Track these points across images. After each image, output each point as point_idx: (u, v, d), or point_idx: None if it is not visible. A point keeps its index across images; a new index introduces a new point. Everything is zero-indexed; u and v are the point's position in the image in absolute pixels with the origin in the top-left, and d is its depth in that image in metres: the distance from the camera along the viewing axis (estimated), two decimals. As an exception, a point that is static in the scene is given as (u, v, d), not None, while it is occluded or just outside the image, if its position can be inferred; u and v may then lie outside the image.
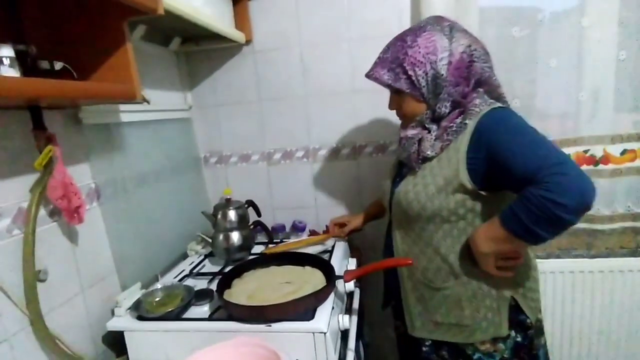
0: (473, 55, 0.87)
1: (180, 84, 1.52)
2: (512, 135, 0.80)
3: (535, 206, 0.72)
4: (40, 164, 0.78)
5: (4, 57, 0.66)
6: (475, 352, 0.93)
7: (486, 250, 0.84)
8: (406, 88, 0.91)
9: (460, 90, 0.88)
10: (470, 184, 0.85)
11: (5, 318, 0.77)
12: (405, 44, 0.90)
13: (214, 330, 0.92)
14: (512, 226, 0.77)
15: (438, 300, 0.95)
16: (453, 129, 0.88)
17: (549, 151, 0.76)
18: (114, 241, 1.08)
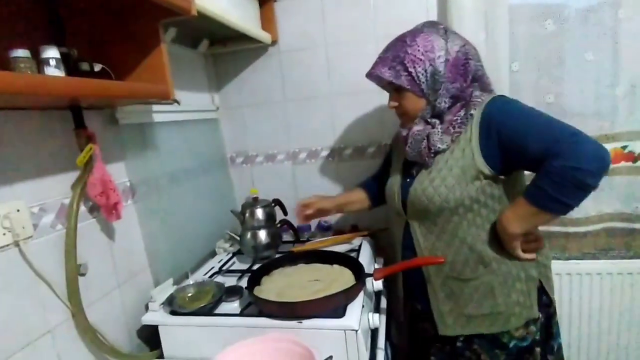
0: (468, 54, 0.93)
1: (208, 86, 1.55)
2: (521, 117, 0.87)
3: (559, 176, 0.78)
4: (81, 161, 0.81)
5: (50, 58, 0.69)
6: (511, 340, 0.94)
7: (517, 230, 0.88)
8: (407, 84, 0.94)
9: (457, 86, 0.93)
10: (487, 169, 0.89)
11: (49, 310, 0.80)
12: (405, 44, 0.94)
13: (245, 325, 0.93)
14: (540, 201, 0.83)
15: (469, 293, 0.95)
16: (459, 122, 0.93)
17: (560, 126, 0.83)
18: (147, 238, 1.11)
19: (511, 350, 0.94)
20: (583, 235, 1.34)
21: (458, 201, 0.91)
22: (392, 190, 1.08)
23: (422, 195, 0.96)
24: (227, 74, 1.59)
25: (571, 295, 1.37)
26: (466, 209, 0.92)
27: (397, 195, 1.05)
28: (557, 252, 1.38)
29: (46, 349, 0.79)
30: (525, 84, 1.32)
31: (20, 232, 0.73)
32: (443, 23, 0.97)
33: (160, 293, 1.05)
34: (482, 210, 0.92)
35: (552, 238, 1.37)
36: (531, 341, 0.94)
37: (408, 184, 1.02)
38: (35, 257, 0.77)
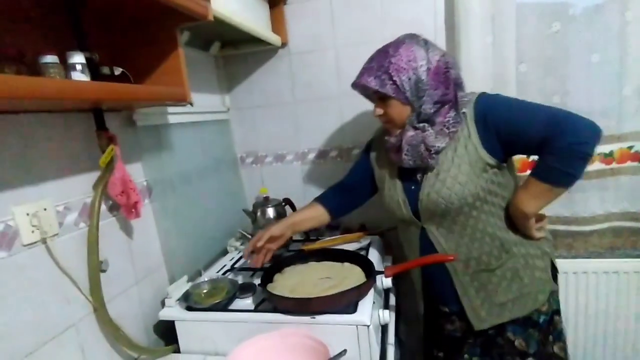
0: (448, 63, 0.98)
1: (219, 87, 1.58)
2: (513, 108, 0.95)
3: (567, 152, 0.87)
4: (104, 162, 0.85)
5: (77, 63, 0.72)
6: (540, 316, 1.01)
7: (532, 209, 0.95)
8: (392, 92, 0.97)
9: (439, 93, 0.97)
10: (491, 159, 0.96)
11: (73, 305, 0.84)
12: (388, 54, 0.98)
13: (260, 321, 0.96)
14: (551, 177, 0.91)
15: (497, 281, 1.00)
16: (451, 122, 0.98)
17: (550, 110, 0.91)
18: (163, 236, 1.15)
19: (542, 326, 1.01)
20: (589, 234, 1.36)
21: (474, 195, 0.96)
22: (394, 200, 1.08)
23: (438, 198, 0.98)
24: (237, 75, 1.62)
25: (577, 293, 1.39)
26: (482, 201, 0.97)
27: (405, 205, 1.06)
28: (563, 251, 1.40)
29: (71, 342, 0.83)
30: (532, 84, 1.34)
31: (47, 229, 0.77)
32: (422, 35, 1.02)
33: (175, 290, 1.08)
34: (494, 199, 0.98)
35: (558, 237, 1.39)
36: (552, 312, 1.03)
37: (414, 191, 1.04)
38: (60, 254, 0.80)
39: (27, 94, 0.55)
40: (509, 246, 0.99)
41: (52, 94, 0.60)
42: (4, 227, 0.70)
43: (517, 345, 1.01)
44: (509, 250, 0.99)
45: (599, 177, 1.32)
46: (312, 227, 1.26)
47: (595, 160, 1.32)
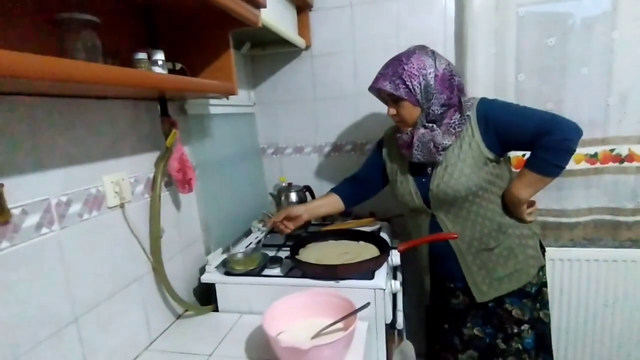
0: (452, 72, 1.14)
1: (246, 83, 1.74)
2: (510, 111, 1.13)
3: (557, 148, 1.05)
4: (170, 143, 1.00)
5: (159, 59, 0.88)
6: (532, 287, 1.19)
7: (526, 196, 1.12)
8: (405, 95, 1.12)
9: (445, 97, 1.12)
10: (491, 154, 1.12)
11: (138, 262, 1.00)
12: (402, 62, 1.14)
13: (290, 284, 1.12)
14: (543, 168, 1.08)
15: (495, 259, 1.16)
16: (457, 123, 1.14)
17: (539, 112, 1.10)
18: (202, 213, 1.30)
19: (533, 295, 1.19)
20: (575, 225, 1.53)
21: (477, 185, 1.13)
22: (406, 191, 1.24)
23: (448, 188, 1.14)
24: (263, 73, 1.78)
25: (562, 278, 1.57)
26: (483, 190, 1.14)
27: (417, 195, 1.22)
28: (552, 240, 1.58)
29: (135, 293, 0.99)
30: (529, 92, 1.51)
31: (125, 196, 0.92)
32: (429, 47, 1.19)
33: (214, 258, 1.24)
34: (493, 188, 1.15)
35: (547, 228, 1.56)
36: (540, 284, 1.21)
37: (425, 183, 1.20)
38: (131, 218, 0.96)
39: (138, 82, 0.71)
40: (505, 228, 1.16)
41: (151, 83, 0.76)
42: (95, 191, 0.86)
43: (515, 314, 1.18)
44: (505, 231, 1.16)
45: (585, 176, 1.50)
46: (327, 213, 1.42)
47: (582, 160, 1.49)
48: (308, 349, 0.81)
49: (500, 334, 1.20)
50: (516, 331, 1.18)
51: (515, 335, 1.18)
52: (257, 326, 1.06)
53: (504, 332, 1.19)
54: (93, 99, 0.86)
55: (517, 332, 1.18)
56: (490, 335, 1.21)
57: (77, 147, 0.81)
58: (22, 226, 0.69)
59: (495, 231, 1.16)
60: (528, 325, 1.18)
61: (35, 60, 0.51)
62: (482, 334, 1.22)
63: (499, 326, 1.20)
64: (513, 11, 1.46)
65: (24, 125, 0.70)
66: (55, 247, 0.76)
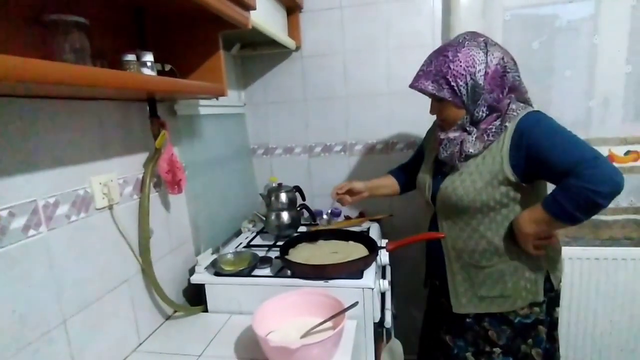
0: (506, 67, 1.02)
1: (237, 84, 1.74)
2: (551, 135, 0.96)
3: (577, 195, 0.89)
4: (159, 144, 1.00)
5: (147, 61, 0.88)
6: (516, 317, 1.09)
7: (530, 231, 0.99)
8: (449, 97, 1.03)
9: (494, 96, 1.02)
10: (513, 177, 1.00)
11: (127, 263, 0.99)
12: (447, 59, 1.02)
13: (280, 284, 1.13)
14: (555, 211, 0.94)
15: (483, 278, 1.09)
16: (492, 131, 1.02)
17: (584, 148, 0.92)
18: (192, 214, 1.30)
19: (516, 326, 1.09)
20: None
21: (484, 202, 1.03)
22: (423, 182, 1.21)
23: (452, 194, 1.07)
24: (253, 74, 1.78)
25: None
26: (489, 209, 1.04)
27: (429, 188, 1.18)
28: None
29: (124, 294, 0.98)
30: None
31: (113, 197, 0.92)
32: (484, 35, 1.05)
33: (203, 259, 1.24)
34: (503, 210, 1.05)
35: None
36: (534, 319, 1.09)
37: (439, 180, 1.14)
38: (119, 220, 0.95)
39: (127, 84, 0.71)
40: (502, 252, 1.06)
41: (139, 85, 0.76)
42: (83, 192, 0.86)
43: (490, 335, 1.12)
44: (501, 255, 1.07)
45: (568, 176, 1.53)
46: (385, 195, 1.43)
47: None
48: (297, 348, 0.82)
49: (472, 348, 1.15)
50: (487, 350, 1.12)
51: (485, 354, 1.13)
52: (246, 326, 1.06)
53: (475, 347, 1.15)
54: (81, 100, 0.86)
55: (488, 351, 1.12)
56: (459, 348, 1.17)
57: (65, 149, 0.81)
58: (9, 228, 0.68)
59: (490, 252, 1.08)
60: (500, 350, 1.11)
61: (24, 63, 0.51)
62: (452, 344, 1.19)
63: (472, 341, 1.15)
64: (499, 15, 1.49)
65: (11, 126, 0.70)
66: (43, 249, 0.75)
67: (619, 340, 1.61)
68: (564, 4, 1.46)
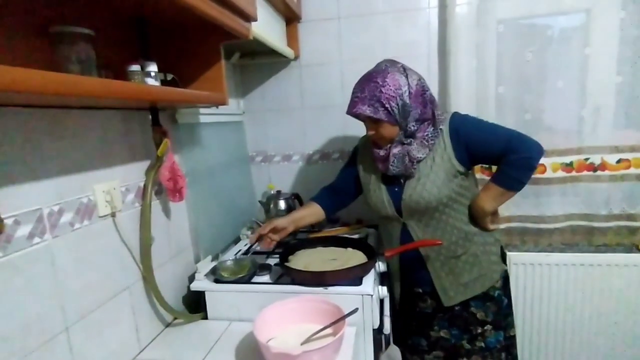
0: (424, 86, 1.18)
1: (236, 92, 1.76)
2: (478, 128, 1.19)
3: (519, 164, 1.12)
4: (161, 152, 1.02)
5: (151, 71, 0.90)
6: (495, 291, 1.24)
7: (490, 208, 1.19)
8: (385, 117, 1.14)
9: (419, 112, 1.16)
10: (461, 167, 1.17)
11: (128, 271, 1.00)
12: (378, 84, 1.14)
13: (279, 291, 1.14)
14: (507, 183, 1.15)
15: (462, 265, 1.22)
16: (430, 136, 1.18)
17: (506, 131, 1.16)
18: (192, 221, 1.31)
19: (497, 299, 1.24)
20: (553, 231, 1.60)
21: (447, 196, 1.17)
22: (379, 200, 1.26)
23: (419, 198, 1.18)
24: (252, 82, 1.81)
25: (542, 281, 1.63)
26: (452, 201, 1.19)
27: (390, 204, 1.24)
28: (530, 245, 1.64)
29: (125, 302, 0.99)
30: (508, 103, 1.57)
31: (115, 205, 0.93)
32: (399, 62, 1.19)
33: (203, 266, 1.25)
34: (461, 199, 1.21)
35: (526, 234, 1.63)
36: (507, 288, 1.29)
37: (398, 192, 1.23)
38: (121, 227, 0.96)
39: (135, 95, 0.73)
40: (471, 236, 1.22)
41: (147, 96, 0.78)
42: (87, 200, 0.87)
43: (479, 317, 1.23)
44: (471, 239, 1.22)
45: (561, 183, 1.56)
46: (311, 223, 1.43)
47: (559, 169, 1.56)
48: (298, 355, 0.83)
49: (466, 334, 1.24)
50: (480, 331, 1.23)
51: (479, 335, 1.23)
52: (246, 333, 1.07)
53: (469, 333, 1.24)
54: (85, 109, 0.87)
55: (480, 332, 1.23)
56: (455, 337, 1.26)
57: (69, 157, 0.82)
58: (14, 236, 0.69)
59: (462, 239, 1.21)
60: (491, 326, 1.23)
61: (34, 75, 0.52)
62: (448, 336, 1.26)
63: (465, 327, 1.25)
64: (493, 26, 1.53)
65: (16, 135, 0.71)
66: (47, 257, 0.76)
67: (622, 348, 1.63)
68: (556, 16, 1.50)
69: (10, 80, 0.48)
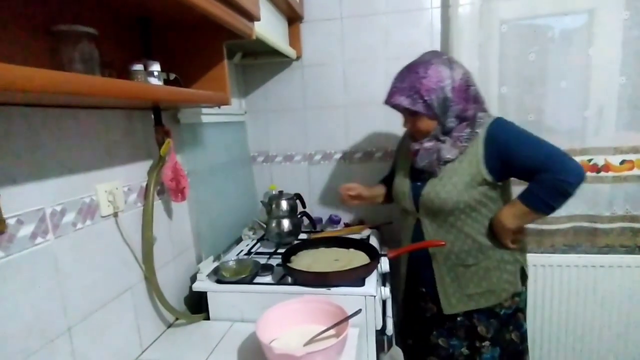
0: (468, 81, 1.13)
1: (238, 92, 1.76)
2: (520, 137, 1.11)
3: (551, 186, 1.04)
4: (164, 152, 1.01)
5: (154, 71, 0.89)
6: (502, 309, 1.19)
7: (511, 226, 1.11)
8: (423, 110, 1.12)
9: (461, 107, 1.12)
10: (489, 177, 1.11)
11: (130, 271, 1.00)
12: (419, 75, 1.11)
13: (282, 292, 1.13)
14: (534, 203, 1.08)
15: (470, 276, 1.18)
16: (464, 137, 1.13)
17: (549, 146, 1.07)
18: (194, 221, 1.31)
19: (502, 318, 1.19)
20: (555, 232, 1.59)
21: (466, 203, 1.12)
22: (401, 191, 1.26)
23: (436, 198, 1.15)
24: (254, 82, 1.80)
25: (544, 282, 1.62)
26: (471, 209, 1.14)
27: (408, 196, 1.24)
28: (534, 246, 1.64)
29: (128, 302, 0.98)
30: (511, 103, 1.57)
31: (118, 205, 0.93)
32: (445, 53, 1.15)
33: (205, 267, 1.25)
34: (483, 209, 1.15)
35: (529, 234, 1.62)
36: (515, 309, 1.20)
37: (419, 187, 1.20)
38: (123, 227, 0.96)
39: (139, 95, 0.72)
40: (486, 249, 1.16)
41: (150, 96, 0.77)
42: (89, 200, 0.86)
43: (479, 331, 1.20)
44: (485, 252, 1.16)
45: (564, 184, 1.56)
46: (380, 203, 1.49)
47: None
48: (301, 356, 0.82)
49: (465, 343, 1.23)
50: (477, 345, 1.21)
51: (477, 349, 1.21)
52: (249, 334, 1.06)
53: (469, 341, 1.22)
54: (88, 108, 0.87)
55: (478, 347, 1.21)
56: (453, 347, 1.24)
57: (71, 157, 0.82)
58: (17, 236, 0.69)
59: (475, 250, 1.16)
60: (489, 343, 1.20)
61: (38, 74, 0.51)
62: (446, 345, 1.25)
63: (465, 337, 1.23)
64: (496, 27, 1.52)
65: (19, 135, 0.70)
66: (50, 257, 0.75)
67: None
68: (559, 16, 1.50)
69: (15, 79, 0.48)
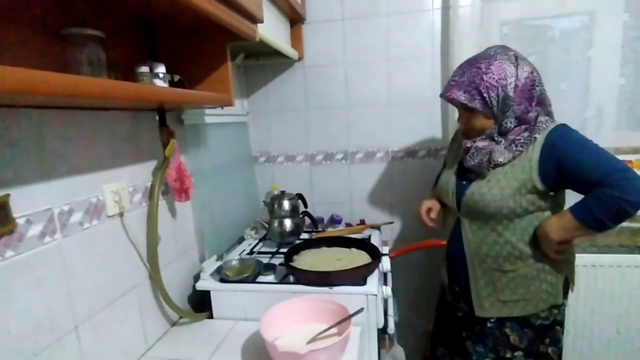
0: (535, 81, 1.06)
1: (240, 93, 1.77)
2: (581, 147, 1.01)
3: (608, 203, 0.94)
4: (169, 152, 1.02)
5: (160, 72, 0.90)
6: (537, 320, 1.13)
7: (557, 238, 1.03)
8: (480, 107, 1.06)
9: (522, 108, 1.05)
10: (541, 186, 1.04)
11: (136, 270, 1.01)
12: (480, 70, 1.05)
13: (284, 291, 1.15)
14: (585, 218, 0.98)
15: (506, 282, 1.12)
16: (521, 141, 1.06)
17: (613, 160, 0.98)
18: (197, 221, 1.32)
19: (537, 329, 1.14)
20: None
21: (511, 209, 1.07)
22: (446, 187, 1.23)
23: (480, 200, 1.10)
24: (256, 83, 1.81)
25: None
26: (515, 215, 1.08)
27: (452, 193, 1.20)
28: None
29: (133, 301, 1.00)
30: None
31: (123, 205, 0.94)
32: (513, 49, 1.09)
33: (208, 266, 1.26)
34: (529, 217, 1.09)
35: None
36: (552, 321, 1.14)
37: (464, 186, 1.16)
38: (129, 227, 0.97)
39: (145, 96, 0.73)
40: (525, 257, 1.10)
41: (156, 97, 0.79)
42: (96, 200, 0.87)
43: (512, 340, 1.14)
44: (524, 260, 1.10)
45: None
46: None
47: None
48: (305, 354, 0.84)
49: (491, 354, 1.17)
50: (509, 356, 1.15)
51: (506, 359, 1.16)
52: (252, 333, 1.08)
53: (495, 353, 1.17)
54: (94, 110, 0.88)
55: (509, 357, 1.15)
56: (479, 354, 1.19)
57: (78, 158, 0.83)
58: (26, 235, 0.70)
59: (514, 257, 1.11)
60: (522, 353, 1.15)
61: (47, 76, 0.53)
62: (472, 350, 1.21)
63: (493, 347, 1.17)
64: (497, 28, 1.53)
65: (27, 136, 0.72)
66: (58, 256, 0.77)
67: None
68: (560, 18, 1.51)
69: (23, 82, 0.49)
